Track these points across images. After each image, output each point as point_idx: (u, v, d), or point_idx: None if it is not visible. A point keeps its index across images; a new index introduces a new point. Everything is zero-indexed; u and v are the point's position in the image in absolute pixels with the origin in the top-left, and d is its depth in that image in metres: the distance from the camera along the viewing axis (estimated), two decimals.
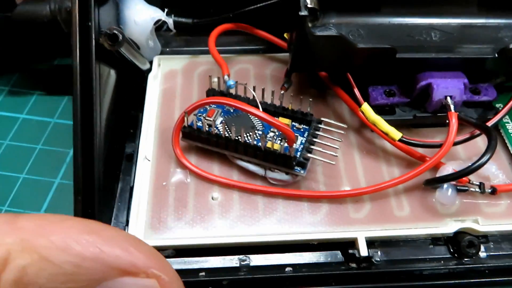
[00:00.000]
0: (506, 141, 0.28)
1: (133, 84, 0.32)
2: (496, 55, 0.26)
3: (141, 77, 0.32)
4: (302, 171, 0.26)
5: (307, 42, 0.24)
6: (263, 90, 0.28)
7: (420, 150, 0.27)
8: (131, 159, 0.29)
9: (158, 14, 0.31)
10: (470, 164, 0.24)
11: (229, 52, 0.34)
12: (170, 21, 0.31)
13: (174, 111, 0.30)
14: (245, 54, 0.34)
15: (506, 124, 0.29)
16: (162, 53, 0.34)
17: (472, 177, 0.26)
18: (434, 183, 0.25)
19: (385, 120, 0.28)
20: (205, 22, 0.32)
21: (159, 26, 0.33)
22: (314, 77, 0.30)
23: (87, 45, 0.24)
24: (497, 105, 0.29)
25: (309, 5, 0.24)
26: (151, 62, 0.33)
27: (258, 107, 0.25)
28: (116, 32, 0.24)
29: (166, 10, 0.31)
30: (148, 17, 0.30)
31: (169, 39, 0.35)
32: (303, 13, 0.22)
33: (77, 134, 0.23)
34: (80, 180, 0.23)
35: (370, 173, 0.27)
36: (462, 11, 0.28)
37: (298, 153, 0.26)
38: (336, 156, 0.26)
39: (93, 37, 0.24)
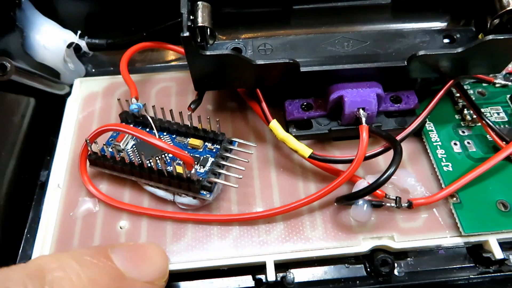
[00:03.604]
0: (428, 150, 0.27)
1: (51, 110, 0.31)
2: (406, 63, 0.25)
3: (60, 101, 0.31)
4: (208, 195, 0.25)
5: (200, 63, 0.23)
6: (171, 111, 0.27)
7: (338, 165, 0.26)
8: (44, 187, 0.28)
9: (70, 36, 0.30)
10: (375, 180, 0.23)
11: (154, 70, 0.33)
12: (83, 43, 0.31)
13: None
14: (168, 70, 0.33)
15: (430, 132, 0.28)
16: (88, 74, 0.34)
17: (390, 191, 0.26)
18: (343, 201, 0.24)
19: (301, 135, 0.27)
20: (120, 42, 0.31)
21: (78, 49, 0.32)
22: (233, 91, 0.29)
23: None
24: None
25: (200, 24, 0.23)
26: (72, 85, 0.32)
27: (155, 135, 0.24)
28: (4, 62, 0.23)
29: (79, 32, 0.30)
30: (59, 40, 0.29)
31: (97, 60, 0.34)
32: (185, 34, 0.21)
33: None
34: None
35: (286, 190, 0.26)
36: (376, 17, 0.27)
37: (205, 176, 0.25)
38: (241, 178, 0.25)
39: None
